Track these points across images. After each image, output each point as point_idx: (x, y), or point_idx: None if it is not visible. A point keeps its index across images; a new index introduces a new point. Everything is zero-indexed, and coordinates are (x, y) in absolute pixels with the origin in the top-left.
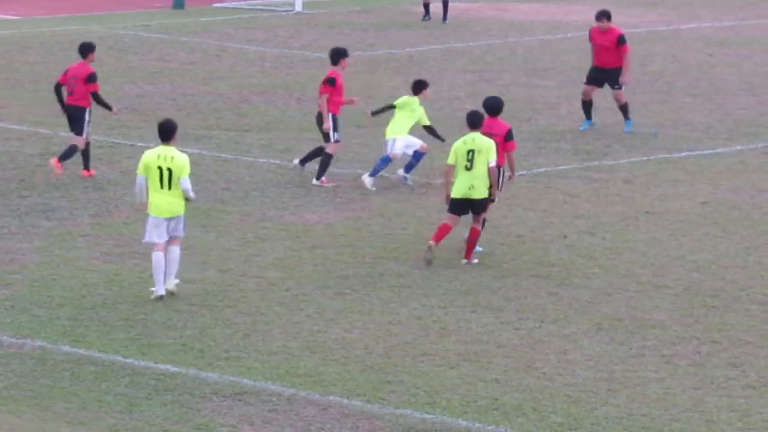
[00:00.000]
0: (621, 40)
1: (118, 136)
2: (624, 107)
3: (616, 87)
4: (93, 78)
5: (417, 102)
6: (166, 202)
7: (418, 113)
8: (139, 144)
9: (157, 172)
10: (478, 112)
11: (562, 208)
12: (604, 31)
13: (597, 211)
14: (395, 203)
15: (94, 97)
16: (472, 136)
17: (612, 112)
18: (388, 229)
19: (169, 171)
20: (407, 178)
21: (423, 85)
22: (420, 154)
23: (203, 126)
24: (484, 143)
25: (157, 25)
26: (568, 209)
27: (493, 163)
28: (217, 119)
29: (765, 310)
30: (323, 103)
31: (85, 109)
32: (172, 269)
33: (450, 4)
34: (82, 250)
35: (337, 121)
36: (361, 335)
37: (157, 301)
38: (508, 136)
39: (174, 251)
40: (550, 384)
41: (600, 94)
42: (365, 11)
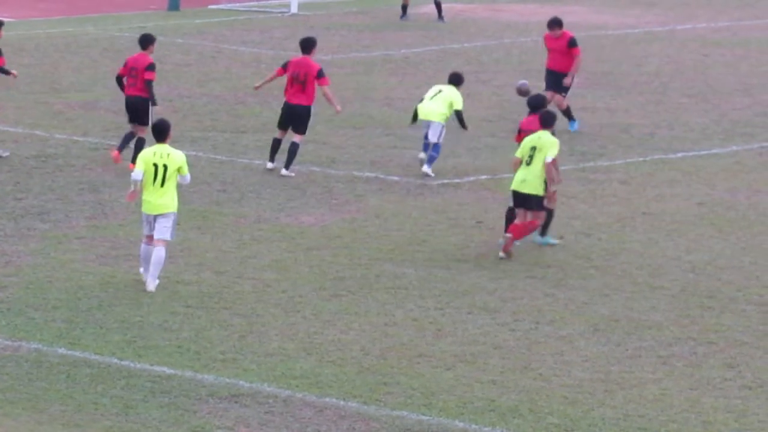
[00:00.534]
0: (572, 43)
1: (113, 138)
2: (566, 112)
3: (563, 93)
4: (152, 67)
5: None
6: (156, 199)
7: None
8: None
9: (152, 169)
10: (550, 112)
11: (559, 209)
12: (557, 37)
13: (593, 212)
14: (391, 204)
15: (147, 86)
16: (540, 134)
17: (608, 113)
18: (384, 230)
19: (165, 167)
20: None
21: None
22: (438, 147)
23: (199, 128)
24: (548, 141)
25: (153, 26)
26: (564, 210)
27: (549, 159)
28: (213, 121)
29: (761, 311)
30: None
31: (148, 100)
32: (155, 271)
33: (445, 5)
34: (77, 253)
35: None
36: (358, 337)
37: (153, 303)
38: None
39: (158, 252)
40: (546, 385)
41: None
42: (361, 12)
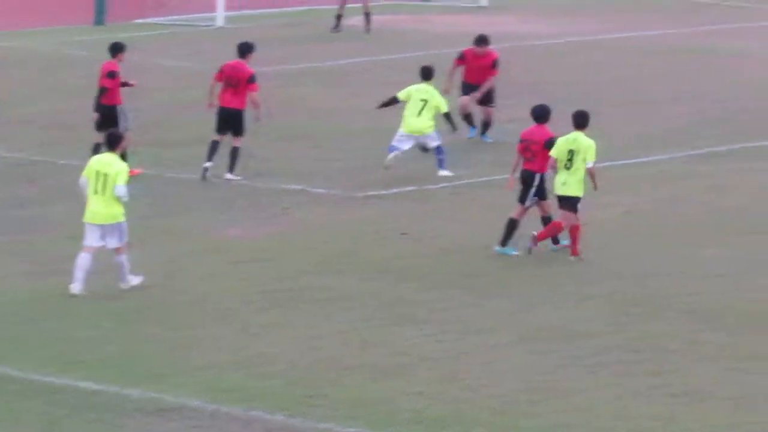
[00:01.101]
0: (495, 64)
1: (39, 153)
2: (486, 124)
3: (491, 105)
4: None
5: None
6: (99, 208)
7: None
8: (60, 162)
9: (95, 176)
10: (584, 112)
11: (485, 219)
12: (482, 55)
13: (521, 222)
14: (317, 217)
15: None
16: (575, 135)
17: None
18: (311, 243)
19: (105, 176)
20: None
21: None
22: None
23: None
24: (584, 144)
25: (80, 41)
26: (491, 220)
27: (591, 164)
28: (140, 135)
29: (687, 319)
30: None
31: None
32: (123, 275)
33: (373, 17)
34: (2, 269)
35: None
36: (285, 349)
37: (79, 318)
38: (548, 145)
39: (119, 259)
40: (473, 395)
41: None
42: (288, 25)
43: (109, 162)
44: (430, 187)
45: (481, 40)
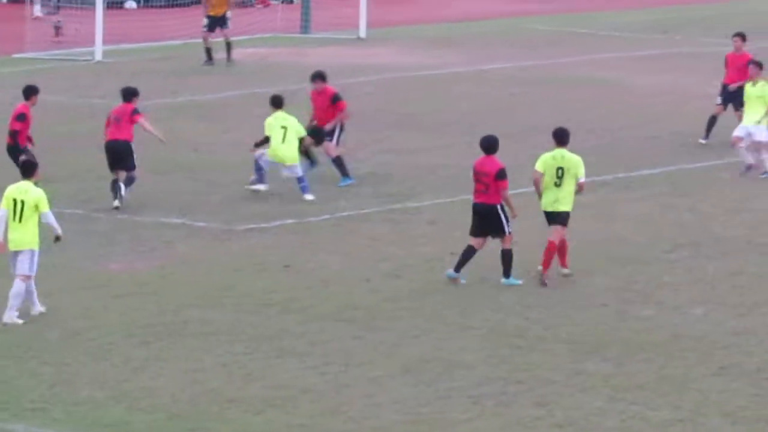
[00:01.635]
0: (335, 98)
1: None
2: (337, 160)
3: (328, 139)
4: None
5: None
6: (15, 235)
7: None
8: None
9: (12, 204)
10: (565, 129)
11: (366, 251)
12: (319, 91)
13: (402, 254)
14: (198, 250)
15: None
16: (561, 152)
17: (415, 154)
18: (192, 276)
19: (23, 203)
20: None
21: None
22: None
23: (7, 178)
24: (573, 161)
25: None
26: (372, 252)
27: (583, 179)
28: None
29: (570, 349)
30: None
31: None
32: (13, 304)
33: (250, 50)
34: None
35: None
36: (167, 383)
37: None
38: (500, 176)
39: (19, 286)
40: (356, 428)
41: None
42: (165, 58)
43: (25, 189)
44: (311, 220)
45: (317, 77)
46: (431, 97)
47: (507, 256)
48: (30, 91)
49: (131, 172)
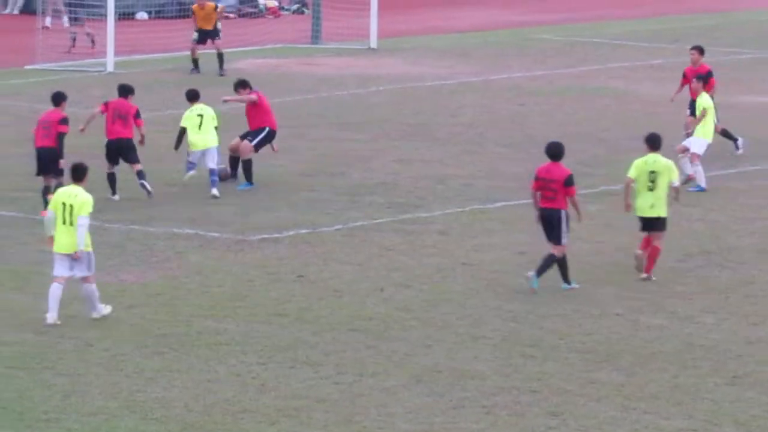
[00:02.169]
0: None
1: None
2: (246, 163)
3: (249, 139)
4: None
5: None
6: (66, 239)
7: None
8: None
9: (62, 208)
10: (658, 135)
11: (378, 261)
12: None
13: (413, 264)
14: (211, 261)
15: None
16: (654, 157)
17: (425, 164)
18: (205, 286)
19: (71, 207)
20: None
21: None
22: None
23: (17, 188)
24: (665, 165)
25: None
26: (384, 262)
27: (677, 183)
28: (30, 181)
29: (583, 359)
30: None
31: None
32: (93, 304)
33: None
34: None
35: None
36: (181, 393)
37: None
38: (568, 182)
39: (87, 288)
40: None
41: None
42: (176, 69)
43: (74, 193)
44: (324, 230)
45: (238, 85)
46: (441, 107)
47: (549, 261)
48: (60, 98)
49: (138, 166)
